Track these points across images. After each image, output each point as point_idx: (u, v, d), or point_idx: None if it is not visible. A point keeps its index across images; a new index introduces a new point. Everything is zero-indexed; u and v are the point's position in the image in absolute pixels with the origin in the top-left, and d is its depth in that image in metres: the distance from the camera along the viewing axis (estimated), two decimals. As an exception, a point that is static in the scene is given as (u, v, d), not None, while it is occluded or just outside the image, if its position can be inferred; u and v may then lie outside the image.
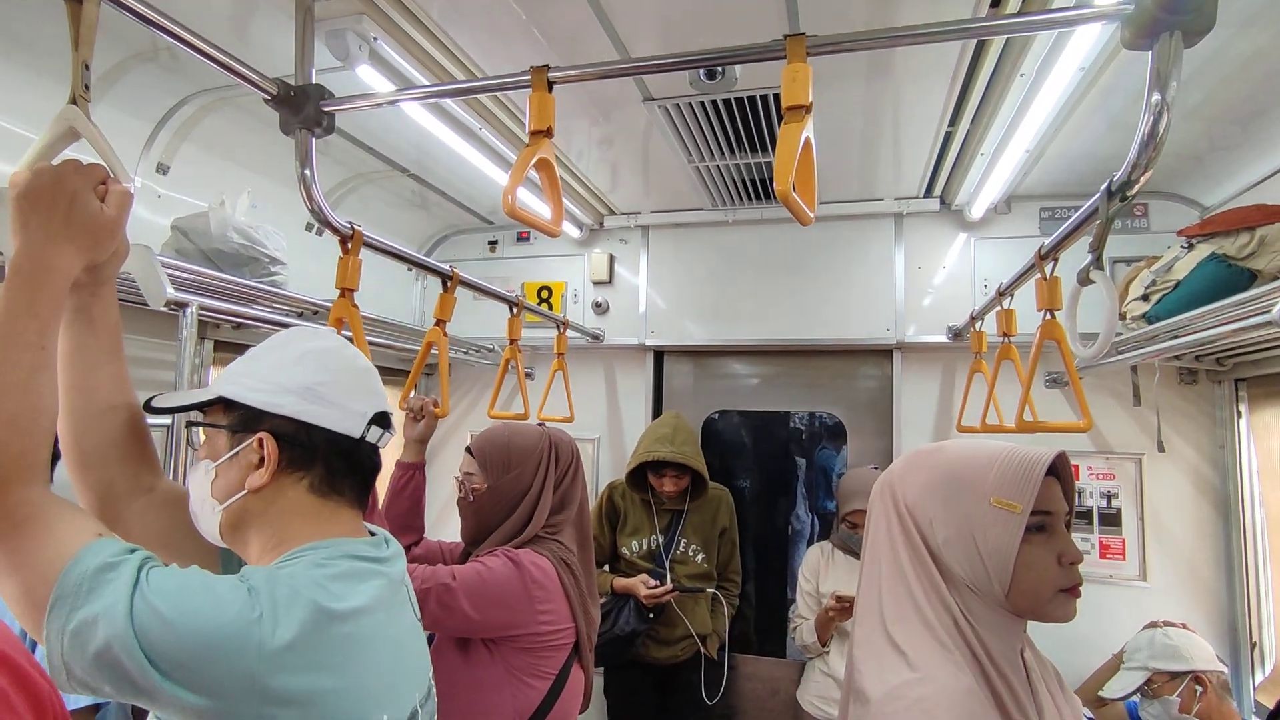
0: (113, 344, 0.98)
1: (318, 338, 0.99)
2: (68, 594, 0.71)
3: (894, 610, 0.95)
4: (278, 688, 0.74)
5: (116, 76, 1.74)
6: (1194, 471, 2.54)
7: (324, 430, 0.92)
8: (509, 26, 1.62)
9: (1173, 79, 0.94)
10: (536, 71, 1.18)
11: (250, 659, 0.73)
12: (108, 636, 0.69)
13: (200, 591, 0.75)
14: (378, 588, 0.89)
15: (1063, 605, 0.93)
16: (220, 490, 0.91)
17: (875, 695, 0.89)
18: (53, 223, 0.84)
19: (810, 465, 3.41)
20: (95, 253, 0.89)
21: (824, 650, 2.41)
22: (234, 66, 1.21)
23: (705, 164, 2.43)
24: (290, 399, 0.91)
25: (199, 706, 0.72)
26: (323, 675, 0.78)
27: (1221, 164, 2.25)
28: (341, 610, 0.82)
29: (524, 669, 1.53)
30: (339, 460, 0.94)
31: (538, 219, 1.22)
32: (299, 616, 0.77)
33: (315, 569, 0.84)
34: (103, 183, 0.90)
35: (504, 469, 1.65)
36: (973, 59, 1.73)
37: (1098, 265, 1.16)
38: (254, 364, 0.95)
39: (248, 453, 0.90)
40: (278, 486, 0.90)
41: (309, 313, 2.04)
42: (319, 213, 1.40)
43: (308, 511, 0.92)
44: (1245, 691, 2.34)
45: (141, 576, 0.73)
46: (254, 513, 0.91)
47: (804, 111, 1.04)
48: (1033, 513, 0.91)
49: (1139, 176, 1.02)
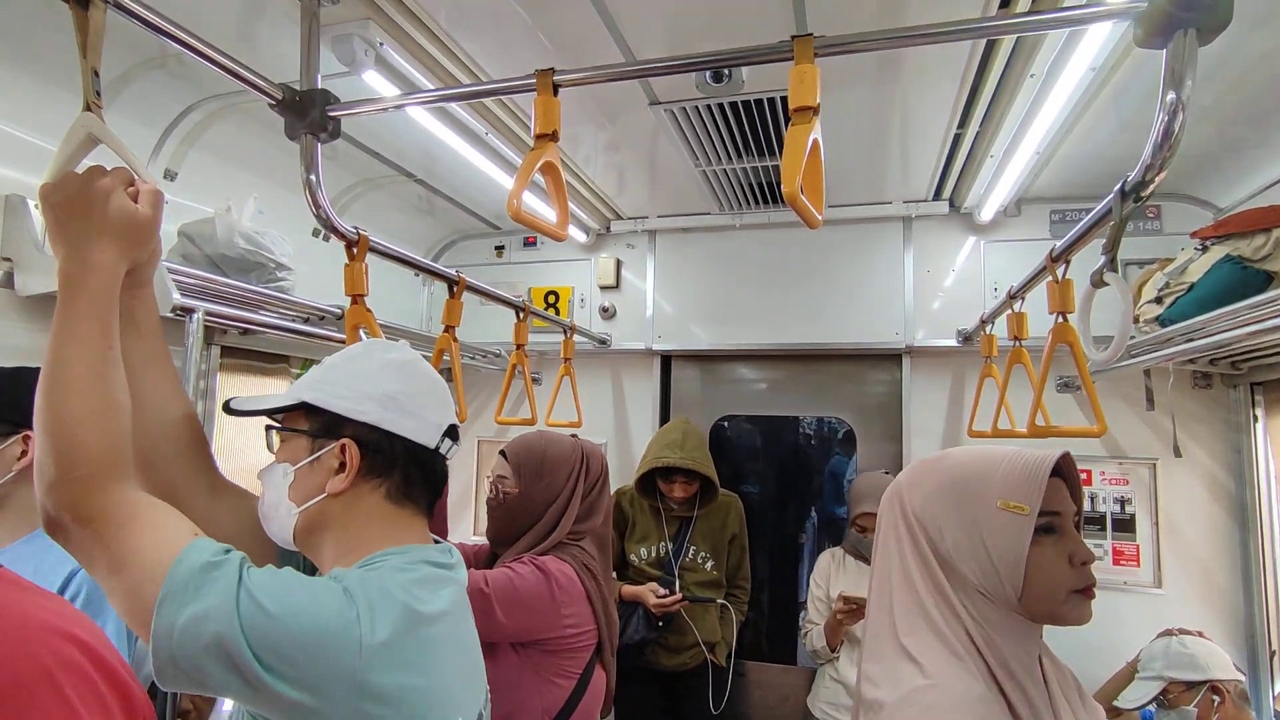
0: (158, 345, 1.00)
1: (394, 349, 1.02)
2: (176, 591, 0.73)
3: (906, 621, 0.94)
4: (375, 684, 0.77)
5: (123, 84, 1.74)
6: (1209, 477, 2.50)
7: (403, 439, 0.95)
8: (515, 31, 1.62)
9: (1187, 78, 0.92)
10: (542, 75, 1.17)
11: (352, 655, 0.76)
12: (217, 631, 0.71)
13: (300, 590, 0.78)
14: (453, 593, 0.93)
15: (1077, 607, 0.92)
16: (298, 493, 0.93)
17: (889, 702, 0.88)
18: (91, 225, 0.85)
19: (819, 471, 3.39)
20: (136, 251, 0.90)
21: (834, 656, 2.39)
22: (239, 72, 1.21)
23: (712, 167, 2.42)
24: (373, 406, 0.93)
25: (299, 702, 0.74)
26: (413, 674, 0.81)
27: (1235, 165, 2.22)
28: (428, 613, 0.85)
29: (551, 669, 1.58)
30: (415, 469, 0.97)
31: (543, 223, 1.21)
32: (392, 617, 0.80)
33: (399, 573, 0.86)
34: (131, 184, 0.91)
35: (536, 476, 1.70)
36: (982, 60, 1.71)
37: (1111, 267, 1.14)
38: (334, 372, 0.97)
39: (329, 457, 0.92)
40: (356, 492, 0.93)
41: (315, 318, 2.03)
42: (325, 218, 1.39)
43: (383, 518, 0.94)
44: (1265, 701, 2.30)
45: (244, 574, 0.75)
46: (331, 517, 0.93)
47: (812, 113, 1.03)
48: (1041, 513, 0.91)
49: (1153, 177, 1.00)
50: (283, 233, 2.02)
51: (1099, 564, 2.54)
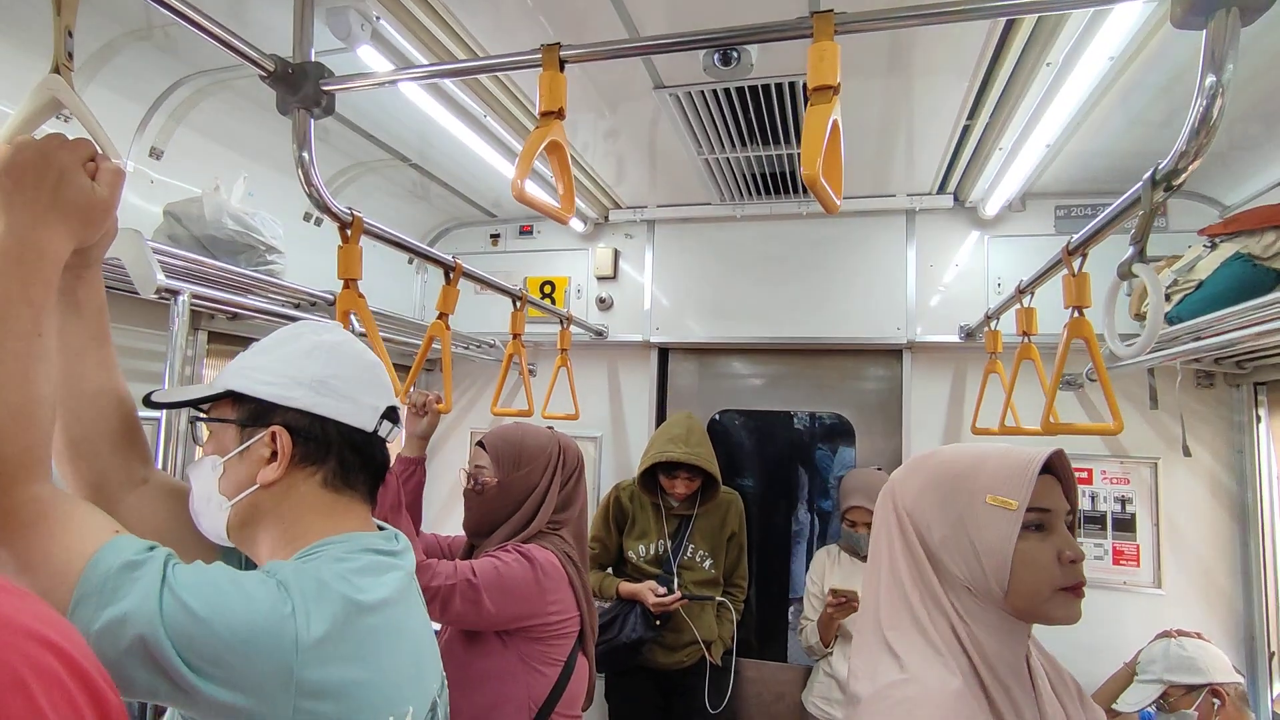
0: (99, 328, 0.93)
1: (326, 331, 0.97)
2: (91, 593, 0.68)
3: (890, 615, 0.94)
4: (314, 680, 0.74)
5: (108, 56, 1.67)
6: (1210, 477, 2.49)
7: (337, 424, 0.91)
8: (515, 8, 1.56)
9: (1229, 60, 0.88)
10: (548, 50, 1.12)
11: (287, 653, 0.72)
12: (138, 634, 0.67)
13: (230, 587, 0.74)
14: (397, 580, 0.89)
15: (1064, 605, 0.90)
16: (229, 486, 0.88)
17: (864, 695, 0.89)
18: (40, 201, 0.78)
19: (816, 467, 3.35)
20: (86, 234, 0.83)
21: (827, 651, 2.40)
22: (230, 42, 1.15)
23: (715, 156, 2.37)
24: (303, 392, 0.89)
25: (234, 704, 0.70)
26: (354, 667, 0.78)
27: (1244, 162, 2.19)
28: (369, 602, 0.82)
29: (536, 657, 1.60)
30: (352, 454, 0.93)
31: (548, 204, 1.16)
32: (330, 609, 0.77)
33: (337, 563, 0.83)
34: (91, 159, 0.84)
35: (515, 466, 1.72)
36: (997, 48, 1.67)
37: (1141, 258, 1.11)
38: (262, 357, 0.92)
39: (259, 447, 0.88)
40: (290, 482, 0.89)
41: (306, 303, 1.98)
42: (317, 197, 1.34)
43: (321, 507, 0.90)
44: (1263, 703, 2.29)
45: (168, 573, 0.71)
46: (264, 509, 0.89)
47: (832, 92, 0.98)
48: (1030, 510, 0.90)
49: (1187, 165, 0.97)
50: (273, 216, 1.96)
51: (1099, 563, 2.53)
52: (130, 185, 1.85)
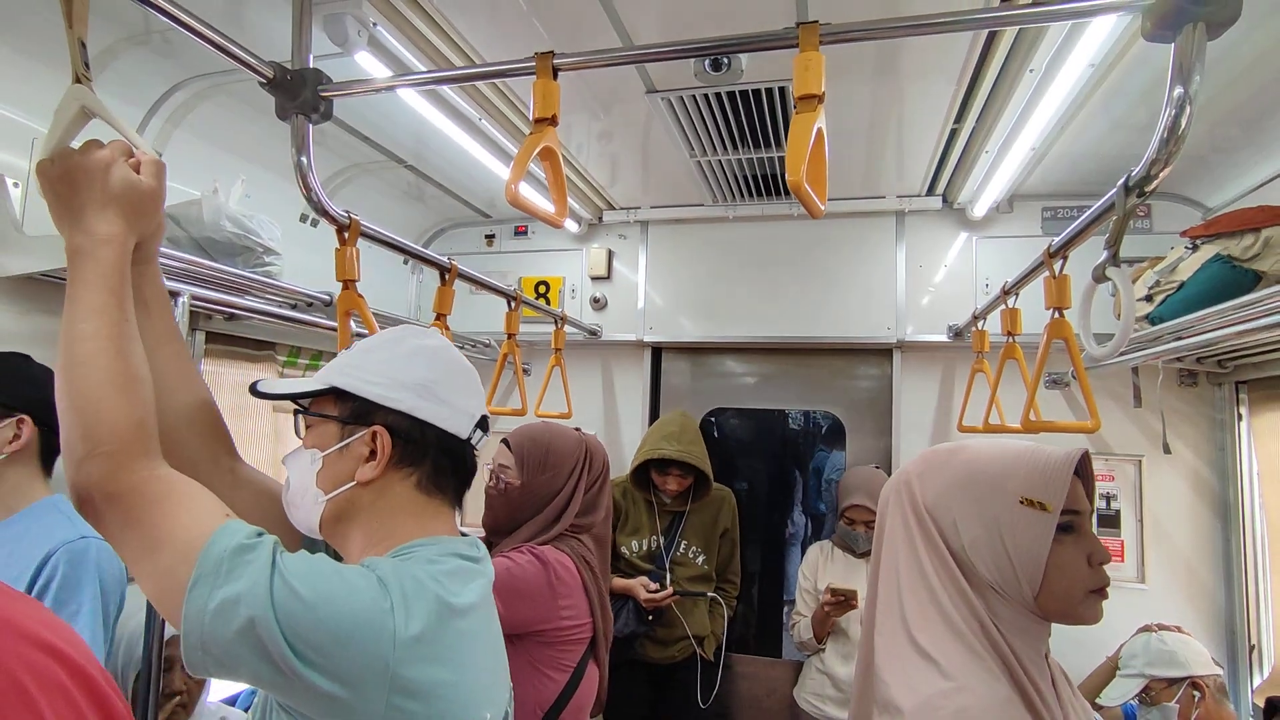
0: (167, 323, 0.97)
1: (427, 336, 0.99)
2: (208, 573, 0.70)
3: (918, 616, 0.91)
4: (408, 678, 0.75)
5: (107, 60, 1.69)
6: (1193, 474, 2.53)
7: (435, 428, 0.92)
8: (511, 15, 1.59)
9: (1195, 72, 0.92)
10: (541, 58, 1.15)
11: (385, 647, 0.74)
12: (250, 616, 0.68)
13: (335, 577, 0.75)
14: (481, 587, 0.90)
15: (1092, 606, 0.91)
16: (326, 481, 0.90)
17: (908, 706, 0.84)
18: (94, 196, 0.82)
19: (807, 465, 3.39)
20: (142, 222, 0.87)
21: (820, 648, 2.41)
22: (229, 49, 1.17)
23: (707, 158, 2.41)
24: (406, 394, 0.91)
25: (331, 694, 0.71)
26: (444, 668, 0.79)
27: (1226, 165, 2.23)
28: (460, 605, 0.83)
29: (545, 661, 1.58)
30: (446, 459, 0.94)
31: (541, 209, 1.19)
32: (426, 609, 0.78)
33: (430, 565, 0.84)
34: (129, 156, 0.88)
35: (540, 469, 1.70)
36: (981, 55, 1.71)
37: (1114, 262, 1.14)
38: (366, 357, 0.94)
39: (359, 445, 0.90)
40: (386, 481, 0.90)
41: (303, 304, 2.00)
42: (315, 200, 1.36)
43: (413, 509, 0.92)
44: (1243, 694, 2.34)
45: (278, 558, 0.73)
46: (360, 506, 0.90)
47: (816, 101, 1.02)
48: (1063, 512, 0.89)
49: (1158, 172, 1.00)
50: (271, 218, 1.97)
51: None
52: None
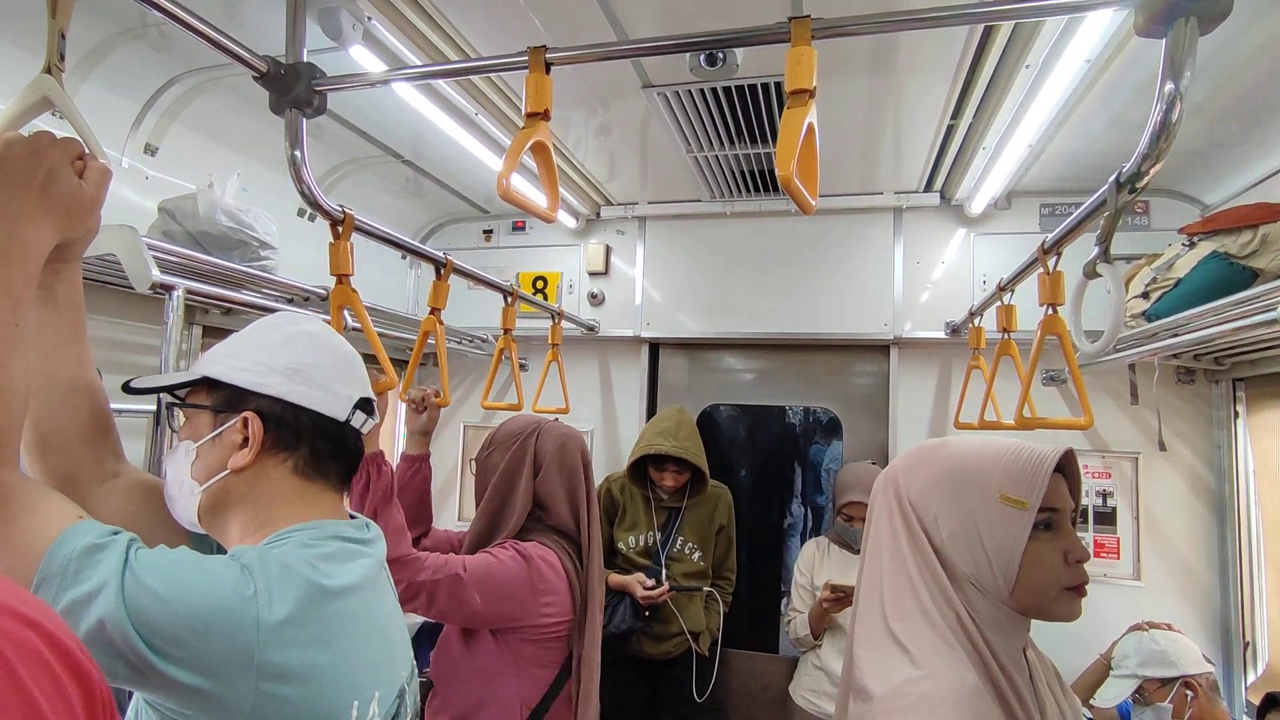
0: (75, 323, 0.94)
1: (304, 322, 0.98)
2: (54, 574, 0.69)
3: (896, 606, 0.93)
4: (275, 663, 0.74)
5: (103, 54, 1.69)
6: (1190, 471, 2.53)
7: (310, 412, 0.92)
8: (506, 9, 1.59)
9: (1186, 68, 0.91)
10: (534, 52, 1.15)
11: (249, 634, 0.73)
12: (100, 615, 0.68)
13: (193, 569, 0.75)
14: (365, 567, 0.90)
15: (1068, 603, 0.91)
16: (200, 471, 0.89)
17: (878, 693, 0.86)
18: (27, 196, 0.80)
19: (805, 461, 3.39)
20: (70, 230, 0.85)
21: (816, 644, 2.41)
22: (223, 43, 1.17)
23: (704, 154, 2.40)
24: (277, 379, 0.90)
25: (194, 686, 0.71)
26: (317, 650, 0.79)
27: (1223, 162, 2.23)
28: (334, 587, 0.83)
29: (531, 659, 1.58)
30: (324, 443, 0.94)
31: (533, 204, 1.19)
32: (293, 593, 0.78)
33: (304, 549, 0.84)
34: (79, 158, 0.86)
35: (487, 445, 1.77)
36: (977, 50, 1.70)
37: (1105, 258, 1.14)
38: (239, 345, 0.94)
39: (231, 433, 0.89)
40: (261, 468, 0.90)
41: (299, 298, 2.00)
42: (309, 195, 1.36)
43: (291, 494, 0.91)
44: (1237, 692, 2.34)
45: (130, 555, 0.72)
46: (235, 494, 0.90)
47: (807, 96, 1.01)
48: (1041, 509, 0.90)
49: (1149, 168, 1.00)
50: (267, 212, 1.98)
51: (1080, 556, 2.56)
52: (125, 181, 1.88)
